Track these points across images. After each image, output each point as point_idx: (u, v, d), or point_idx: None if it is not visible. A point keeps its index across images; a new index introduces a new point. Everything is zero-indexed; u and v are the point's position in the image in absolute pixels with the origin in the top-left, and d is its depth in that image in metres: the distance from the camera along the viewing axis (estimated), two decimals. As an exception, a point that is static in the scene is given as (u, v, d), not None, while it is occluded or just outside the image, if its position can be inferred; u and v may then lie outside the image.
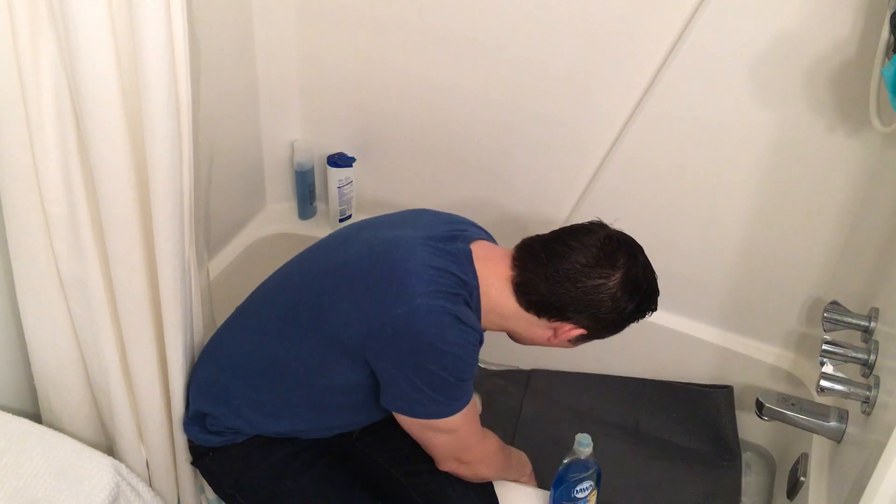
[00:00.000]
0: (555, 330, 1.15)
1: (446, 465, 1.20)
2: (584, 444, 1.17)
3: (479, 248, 1.16)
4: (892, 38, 1.17)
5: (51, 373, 1.19)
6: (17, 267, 1.11)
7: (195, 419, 1.23)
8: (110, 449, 1.29)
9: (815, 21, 1.29)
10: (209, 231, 1.62)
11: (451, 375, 1.07)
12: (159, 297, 1.14)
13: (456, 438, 1.15)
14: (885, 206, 1.38)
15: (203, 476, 1.29)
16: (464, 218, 1.27)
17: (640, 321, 1.17)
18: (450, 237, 1.15)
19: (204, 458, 1.25)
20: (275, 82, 1.78)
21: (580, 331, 1.14)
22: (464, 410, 1.11)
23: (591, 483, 1.20)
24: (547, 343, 1.18)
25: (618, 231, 1.15)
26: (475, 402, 1.17)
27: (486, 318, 1.15)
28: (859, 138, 1.37)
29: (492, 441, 1.26)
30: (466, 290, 1.10)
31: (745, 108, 1.42)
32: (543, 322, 1.14)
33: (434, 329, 1.05)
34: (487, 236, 1.26)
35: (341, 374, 1.13)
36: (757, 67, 1.37)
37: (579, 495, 1.20)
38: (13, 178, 1.03)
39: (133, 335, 1.15)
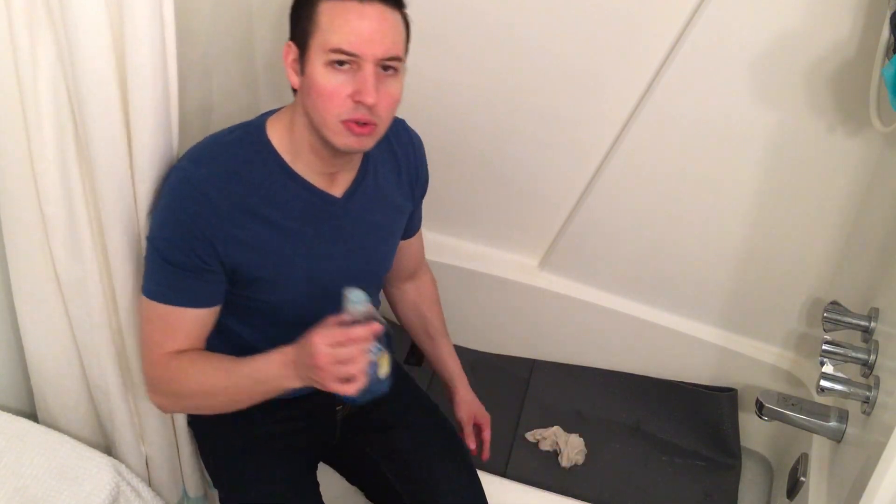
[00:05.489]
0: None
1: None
2: (355, 301, 0.91)
3: None
4: (892, 38, 1.17)
5: (47, 373, 1.19)
6: (14, 267, 1.11)
7: None
8: (107, 448, 1.29)
9: (814, 21, 1.29)
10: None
11: None
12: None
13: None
14: (885, 206, 1.37)
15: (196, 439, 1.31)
16: None
17: None
18: None
19: (198, 418, 1.28)
20: (275, 82, 1.77)
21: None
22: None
23: (378, 345, 0.93)
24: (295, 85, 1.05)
25: None
26: None
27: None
28: (859, 138, 1.37)
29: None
30: None
31: (745, 108, 1.42)
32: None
33: None
34: None
35: None
36: (757, 67, 1.37)
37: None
38: (10, 179, 1.03)
39: (133, 334, 1.15)
